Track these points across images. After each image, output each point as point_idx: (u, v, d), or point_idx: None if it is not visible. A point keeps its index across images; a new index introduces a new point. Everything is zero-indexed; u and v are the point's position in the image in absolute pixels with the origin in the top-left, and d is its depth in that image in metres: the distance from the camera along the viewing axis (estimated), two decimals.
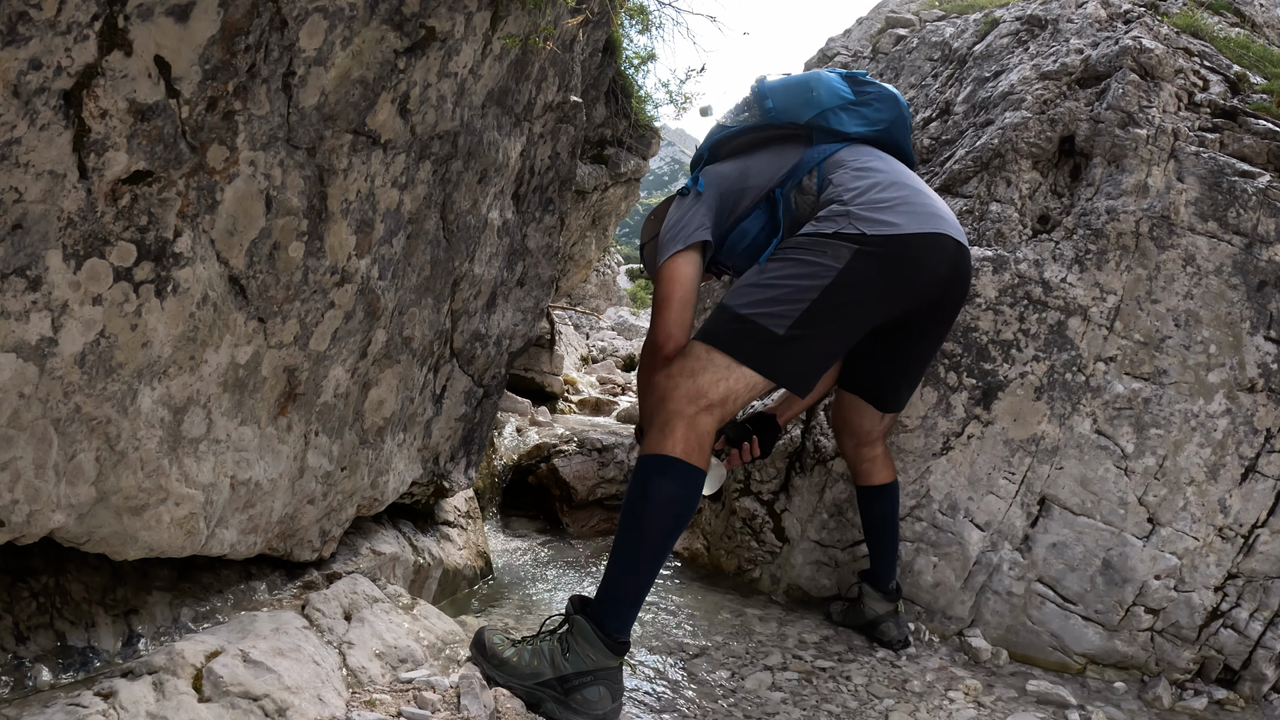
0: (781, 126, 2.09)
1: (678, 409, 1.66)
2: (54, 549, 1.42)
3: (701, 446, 1.65)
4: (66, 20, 1.06)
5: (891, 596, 2.29)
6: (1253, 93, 2.53)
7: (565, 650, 1.59)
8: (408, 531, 2.35)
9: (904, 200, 1.85)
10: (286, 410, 1.63)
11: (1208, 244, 2.31)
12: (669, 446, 1.63)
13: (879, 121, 2.07)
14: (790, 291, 1.74)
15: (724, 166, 2.11)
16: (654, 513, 1.61)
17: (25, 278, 1.11)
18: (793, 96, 2.06)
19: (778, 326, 1.72)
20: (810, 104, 2.04)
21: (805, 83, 2.07)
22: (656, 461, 1.63)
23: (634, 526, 1.61)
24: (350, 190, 1.57)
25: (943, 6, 3.94)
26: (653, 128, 5.23)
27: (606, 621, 1.59)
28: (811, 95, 2.04)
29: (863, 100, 2.07)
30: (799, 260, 1.79)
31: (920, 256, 1.83)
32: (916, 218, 1.82)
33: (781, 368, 1.74)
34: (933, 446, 2.44)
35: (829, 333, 1.78)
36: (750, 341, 1.72)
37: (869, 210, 1.82)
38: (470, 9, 1.65)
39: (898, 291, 1.85)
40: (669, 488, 1.62)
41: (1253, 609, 2.21)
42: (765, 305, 1.74)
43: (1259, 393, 2.25)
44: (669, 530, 1.61)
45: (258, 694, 1.28)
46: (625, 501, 1.65)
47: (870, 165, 1.94)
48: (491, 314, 2.32)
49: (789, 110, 2.06)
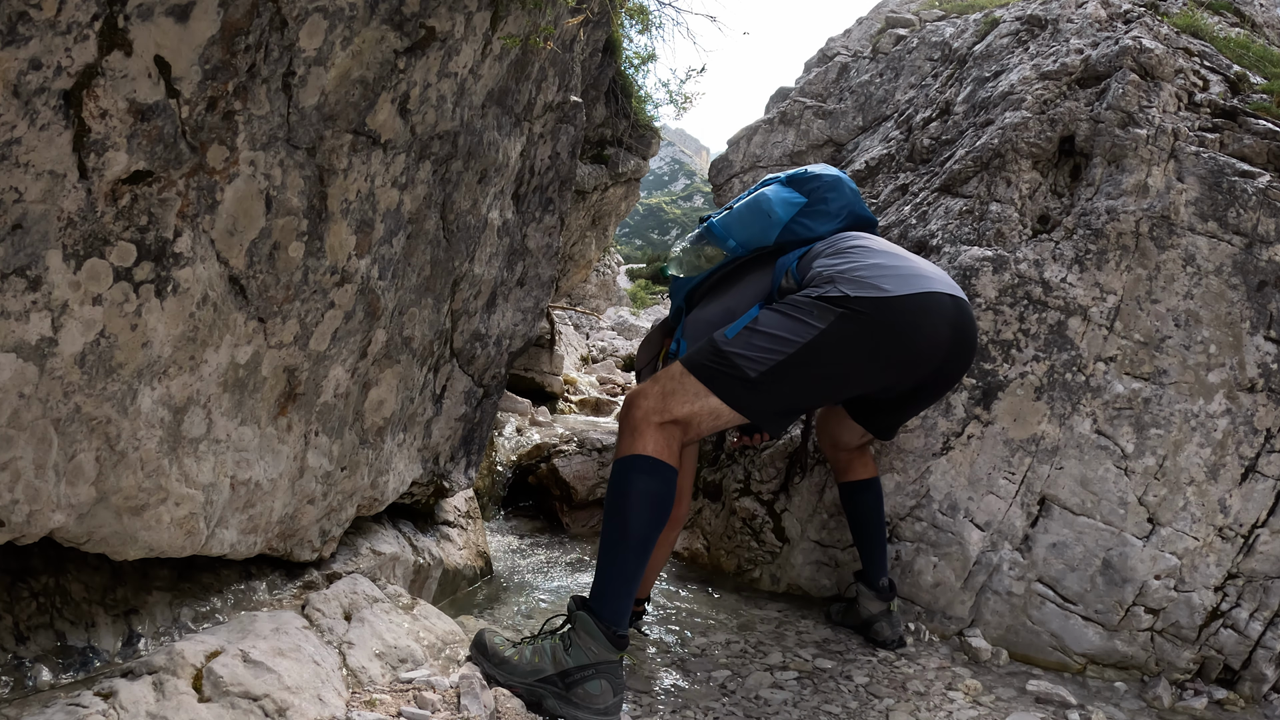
0: (748, 254, 2.11)
1: (644, 416, 1.76)
2: (54, 549, 1.42)
3: (670, 448, 1.75)
4: (66, 20, 1.06)
5: (884, 595, 2.29)
6: (1253, 93, 2.53)
7: (567, 646, 1.64)
8: (408, 531, 2.35)
9: (891, 268, 1.84)
10: (286, 410, 1.63)
11: (1208, 244, 2.31)
12: (641, 447, 1.74)
13: (840, 210, 2.08)
14: (771, 341, 1.78)
15: (706, 313, 2.11)
16: (636, 506, 1.70)
17: (25, 278, 1.11)
18: (751, 227, 2.09)
19: (750, 370, 1.76)
20: (771, 226, 2.06)
21: (757, 206, 2.08)
22: (632, 460, 1.74)
23: (618, 522, 1.70)
24: (350, 190, 1.57)
25: (943, 6, 3.94)
26: (653, 128, 5.23)
27: (603, 614, 1.65)
28: (769, 218, 2.06)
29: (816, 198, 2.08)
30: (789, 315, 1.81)
31: (914, 321, 1.79)
32: (903, 281, 1.80)
33: (749, 406, 1.79)
34: (933, 446, 2.44)
35: (802, 389, 1.81)
36: (722, 377, 1.78)
37: (853, 278, 1.82)
38: (470, 9, 1.65)
39: (889, 357, 1.81)
40: (647, 482, 1.72)
41: (1253, 609, 2.21)
42: (746, 348, 1.78)
43: (1259, 393, 2.25)
44: (651, 522, 1.71)
45: (258, 694, 1.28)
46: (607, 501, 1.75)
47: (845, 246, 1.94)
48: (491, 314, 2.33)
49: (753, 241, 2.09)
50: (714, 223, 2.16)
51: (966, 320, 1.89)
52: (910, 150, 3.25)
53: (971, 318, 1.92)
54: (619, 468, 1.75)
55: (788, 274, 1.99)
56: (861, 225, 2.13)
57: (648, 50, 5.06)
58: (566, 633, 1.66)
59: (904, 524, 2.45)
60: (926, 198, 2.85)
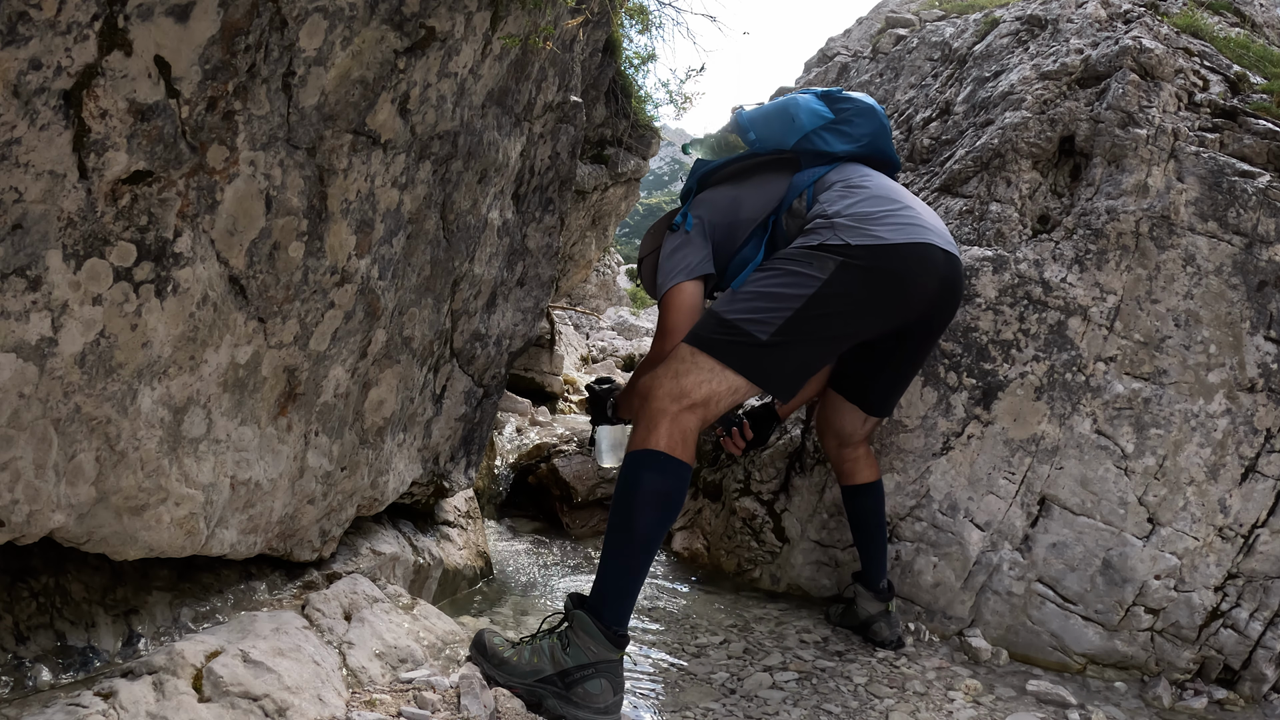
0: (767, 154, 2.11)
1: (661, 406, 1.72)
2: (54, 549, 1.42)
3: (685, 442, 1.70)
4: (66, 20, 1.06)
5: (883, 596, 2.29)
6: (1253, 93, 2.53)
7: (565, 645, 1.62)
8: (408, 531, 2.35)
9: (890, 213, 1.86)
10: (286, 410, 1.63)
11: (1208, 244, 2.31)
12: (654, 441, 1.69)
13: (862, 137, 2.08)
14: (775, 299, 1.78)
15: (715, 194, 2.13)
16: (643, 505, 1.66)
17: (25, 278, 1.11)
18: (773, 125, 2.08)
19: (761, 333, 1.75)
20: (792, 130, 2.05)
21: (784, 109, 2.08)
22: (643, 456, 1.69)
23: (624, 520, 1.66)
24: (350, 190, 1.57)
25: (943, 6, 3.94)
26: (653, 128, 5.23)
27: (604, 614, 1.63)
28: (792, 122, 2.05)
29: (843, 118, 2.08)
30: (785, 270, 1.82)
31: (906, 269, 1.84)
32: (901, 229, 1.84)
33: (764, 373, 1.78)
34: (933, 446, 2.44)
35: (811, 341, 1.81)
36: (734, 346, 1.76)
37: (853, 222, 1.84)
38: (470, 9, 1.65)
39: (885, 303, 1.86)
40: (656, 481, 1.67)
41: (1253, 609, 2.21)
42: (750, 312, 1.78)
43: (1259, 393, 2.25)
44: (658, 521, 1.67)
45: (258, 694, 1.28)
46: (615, 497, 1.71)
47: (856, 183, 1.96)
48: (491, 314, 2.33)
49: (772, 139, 2.09)
50: (742, 113, 2.14)
51: (956, 276, 1.95)
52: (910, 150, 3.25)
53: (961, 273, 1.99)
54: (630, 462, 1.71)
55: (801, 196, 1.99)
56: (884, 164, 2.13)
57: (648, 50, 5.05)
58: (564, 632, 1.65)
59: (904, 524, 2.45)
60: (926, 197, 2.84)
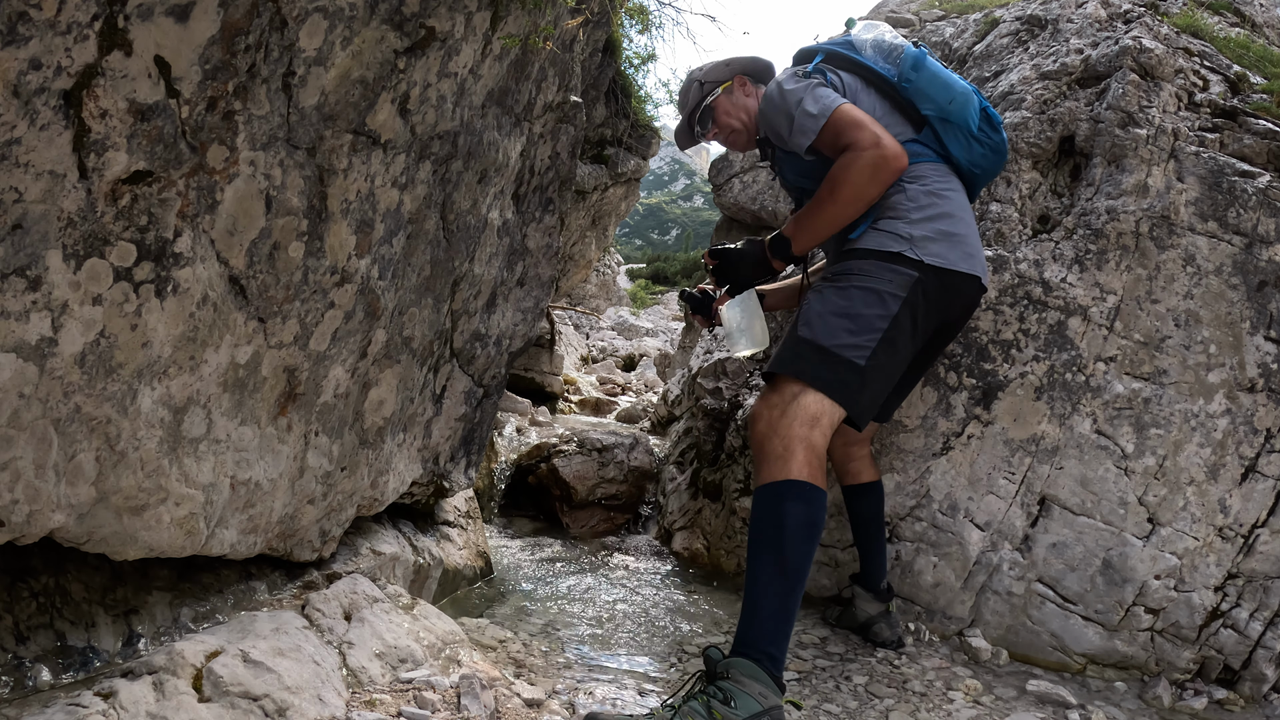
0: (902, 95, 2.04)
1: (794, 433, 1.68)
2: (54, 549, 1.42)
3: (820, 468, 1.67)
4: (66, 20, 1.06)
5: (882, 597, 2.29)
6: (1253, 93, 2.53)
7: (728, 699, 1.47)
8: (408, 531, 2.35)
9: (960, 237, 1.91)
10: (286, 410, 1.63)
11: (1208, 244, 2.31)
12: (793, 470, 1.64)
13: (977, 165, 2.06)
14: (864, 322, 1.79)
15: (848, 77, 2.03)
16: (794, 539, 1.60)
17: (25, 278, 1.11)
18: (933, 87, 2.01)
19: (859, 358, 1.76)
20: (938, 108, 2.00)
21: (950, 86, 2.01)
22: (784, 487, 1.63)
23: (775, 555, 1.59)
24: (350, 190, 1.57)
25: (943, 6, 3.94)
26: (653, 128, 5.24)
27: (771, 655, 1.54)
28: (948, 104, 1.99)
29: (981, 140, 2.05)
30: (867, 290, 1.83)
31: (955, 296, 1.93)
32: (965, 257, 1.90)
33: (858, 400, 1.77)
34: (933, 446, 2.44)
35: (895, 360, 1.84)
36: (835, 374, 1.75)
37: (928, 234, 1.87)
38: (470, 9, 1.65)
39: (928, 324, 1.91)
40: (802, 510, 1.62)
41: (1253, 609, 2.21)
42: (846, 336, 1.78)
43: (1259, 393, 2.25)
44: (809, 554, 1.61)
45: (258, 694, 1.28)
46: (755, 531, 1.64)
47: (942, 191, 1.95)
48: (491, 314, 2.32)
49: (920, 94, 2.01)
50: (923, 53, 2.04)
51: (977, 301, 2.04)
52: None
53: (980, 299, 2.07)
54: (769, 495, 1.64)
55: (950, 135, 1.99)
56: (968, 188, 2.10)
57: (648, 50, 5.07)
58: (719, 686, 1.50)
59: (904, 524, 2.45)
60: None
